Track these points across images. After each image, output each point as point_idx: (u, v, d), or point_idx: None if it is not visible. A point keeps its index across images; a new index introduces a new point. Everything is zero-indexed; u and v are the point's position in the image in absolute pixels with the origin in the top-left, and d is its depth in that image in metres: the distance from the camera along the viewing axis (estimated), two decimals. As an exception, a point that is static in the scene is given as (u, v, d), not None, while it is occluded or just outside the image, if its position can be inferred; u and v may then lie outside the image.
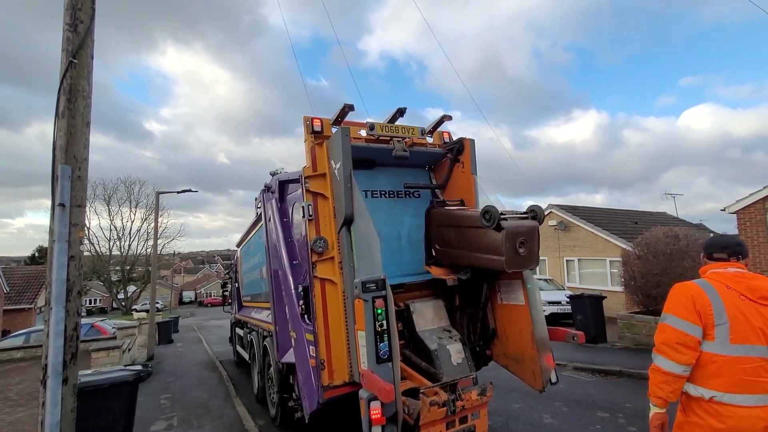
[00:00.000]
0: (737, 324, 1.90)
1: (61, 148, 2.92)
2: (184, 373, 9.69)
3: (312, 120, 3.80)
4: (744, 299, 1.94)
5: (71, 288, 2.87)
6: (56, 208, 2.86)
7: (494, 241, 3.27)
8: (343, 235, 3.61)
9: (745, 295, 1.95)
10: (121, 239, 40.64)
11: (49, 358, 2.75)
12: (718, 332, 1.91)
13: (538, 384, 3.65)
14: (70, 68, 2.96)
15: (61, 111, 2.95)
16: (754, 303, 1.94)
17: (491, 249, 3.32)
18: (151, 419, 5.86)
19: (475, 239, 3.47)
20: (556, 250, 16.74)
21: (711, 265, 2.17)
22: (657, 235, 9.85)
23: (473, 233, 3.48)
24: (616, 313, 10.28)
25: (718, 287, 1.99)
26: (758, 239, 11.30)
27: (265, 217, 5.07)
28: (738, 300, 1.94)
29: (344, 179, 3.50)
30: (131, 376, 3.60)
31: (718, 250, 2.18)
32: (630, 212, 19.72)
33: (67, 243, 2.86)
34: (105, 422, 3.42)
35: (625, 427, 4.73)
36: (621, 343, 9.40)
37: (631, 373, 6.91)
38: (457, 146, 4.33)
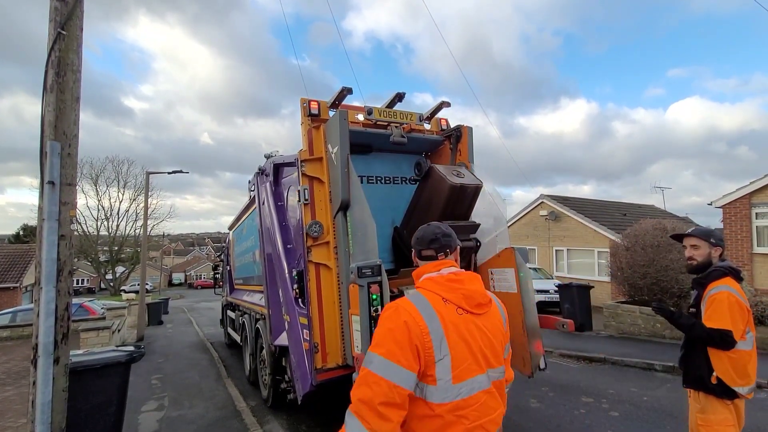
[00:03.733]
0: (459, 353, 1.42)
1: (50, 124, 2.82)
2: (175, 354, 9.71)
3: (309, 102, 3.74)
4: (462, 313, 1.48)
5: (62, 267, 2.82)
6: (45, 186, 2.78)
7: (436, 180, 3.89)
8: (338, 220, 3.59)
9: (462, 307, 1.49)
10: (109, 219, 40.08)
11: (39, 338, 2.72)
12: (440, 371, 1.38)
13: (527, 369, 3.73)
14: (58, 40, 2.84)
15: (50, 85, 2.84)
16: (472, 315, 1.50)
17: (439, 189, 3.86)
18: (142, 399, 5.89)
19: (428, 197, 3.97)
20: (545, 240, 16.96)
21: (423, 267, 1.64)
22: (645, 227, 10.04)
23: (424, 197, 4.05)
24: (602, 303, 10.53)
25: (435, 303, 1.48)
26: (742, 233, 11.57)
27: (259, 200, 5.02)
28: (456, 317, 1.46)
29: (341, 164, 3.47)
30: (124, 357, 3.59)
31: (426, 245, 1.66)
32: (619, 204, 20.00)
33: (57, 222, 2.80)
34: (97, 402, 3.42)
35: (608, 411, 4.89)
36: (606, 331, 9.65)
37: (615, 360, 7.12)
38: (455, 134, 4.30)
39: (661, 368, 6.52)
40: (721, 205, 12.07)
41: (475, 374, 1.44)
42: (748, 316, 2.45)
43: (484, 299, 1.56)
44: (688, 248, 2.68)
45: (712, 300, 2.43)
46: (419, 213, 4.01)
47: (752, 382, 2.43)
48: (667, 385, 5.83)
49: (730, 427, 2.39)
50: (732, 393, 2.39)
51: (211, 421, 4.99)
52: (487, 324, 1.54)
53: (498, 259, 3.95)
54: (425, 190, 4.03)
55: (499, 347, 1.56)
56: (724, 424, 2.39)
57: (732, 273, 2.50)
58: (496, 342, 1.54)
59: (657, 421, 4.59)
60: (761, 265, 11.25)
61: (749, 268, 11.30)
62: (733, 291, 2.41)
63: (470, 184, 3.87)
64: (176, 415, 5.27)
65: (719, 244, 2.58)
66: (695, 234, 2.66)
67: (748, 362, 2.41)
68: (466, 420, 1.40)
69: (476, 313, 1.52)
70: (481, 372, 1.46)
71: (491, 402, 1.48)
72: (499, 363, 1.55)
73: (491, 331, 1.54)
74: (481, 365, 1.47)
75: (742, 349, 2.39)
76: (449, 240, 1.67)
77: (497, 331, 1.57)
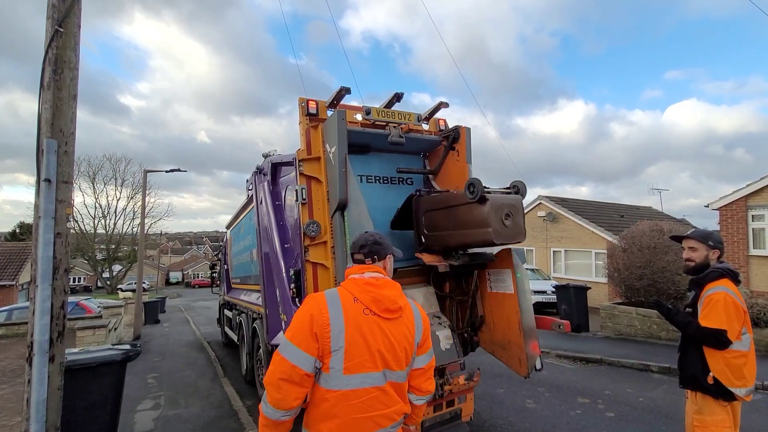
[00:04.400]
0: (355, 348, 1.59)
1: (47, 122, 2.81)
2: (172, 353, 9.68)
3: (307, 102, 3.73)
4: (368, 314, 1.65)
5: (58, 266, 2.81)
6: (42, 184, 2.77)
7: (480, 214, 3.29)
8: (336, 220, 3.59)
9: (369, 309, 1.66)
10: (106, 217, 39.93)
11: (35, 336, 2.71)
12: (334, 361, 1.57)
13: (523, 370, 3.74)
14: (55, 37, 2.82)
15: (47, 83, 2.83)
16: (378, 317, 1.66)
17: (478, 223, 3.34)
18: (138, 398, 5.87)
19: (462, 216, 3.49)
20: (543, 241, 17.00)
21: (351, 268, 1.84)
22: (642, 228, 10.08)
23: (460, 211, 3.49)
24: (599, 304, 10.56)
25: (345, 300, 1.67)
26: (739, 235, 11.63)
27: (257, 199, 5.01)
28: (361, 316, 1.64)
29: (339, 164, 3.46)
30: (120, 356, 3.58)
31: (357, 250, 1.87)
32: (617, 206, 20.06)
33: (53, 220, 2.79)
34: (92, 401, 3.40)
35: (604, 412, 4.91)
36: (603, 332, 9.68)
37: (611, 361, 7.15)
38: (452, 134, 4.31)
39: (657, 369, 6.54)
40: (717, 207, 12.13)
41: (368, 370, 1.61)
42: (745, 318, 2.45)
43: (393, 306, 1.70)
44: (686, 250, 2.71)
45: (709, 300, 2.44)
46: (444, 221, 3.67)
47: (750, 384, 2.42)
48: (663, 386, 5.86)
49: (726, 428, 2.39)
50: (729, 394, 2.39)
51: (207, 421, 4.98)
52: (393, 330, 1.69)
53: (495, 260, 3.96)
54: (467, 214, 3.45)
55: (401, 353, 1.69)
56: (721, 426, 2.39)
57: (730, 275, 2.51)
58: (398, 348, 1.68)
59: (653, 422, 4.61)
60: (757, 267, 11.31)
61: (745, 270, 11.35)
62: (729, 292, 2.43)
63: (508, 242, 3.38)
64: (172, 414, 5.26)
65: (717, 247, 2.60)
66: (694, 236, 2.68)
67: (744, 363, 2.41)
68: (352, 409, 1.58)
69: (383, 317, 1.68)
70: (375, 369, 1.62)
71: (384, 398, 1.64)
72: (399, 367, 1.69)
73: (395, 336, 1.69)
74: (376, 363, 1.62)
75: (738, 349, 2.40)
76: (378, 248, 1.85)
77: (403, 338, 1.71)
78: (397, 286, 1.81)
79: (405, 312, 1.76)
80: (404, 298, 1.80)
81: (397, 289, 1.78)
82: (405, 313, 1.76)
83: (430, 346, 1.86)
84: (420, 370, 1.81)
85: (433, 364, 1.88)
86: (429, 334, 1.85)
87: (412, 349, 1.75)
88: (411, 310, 1.81)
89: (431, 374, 1.87)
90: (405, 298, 1.81)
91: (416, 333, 1.77)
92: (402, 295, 1.79)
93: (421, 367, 1.81)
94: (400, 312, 1.73)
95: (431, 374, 1.87)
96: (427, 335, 1.83)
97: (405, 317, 1.75)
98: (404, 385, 1.75)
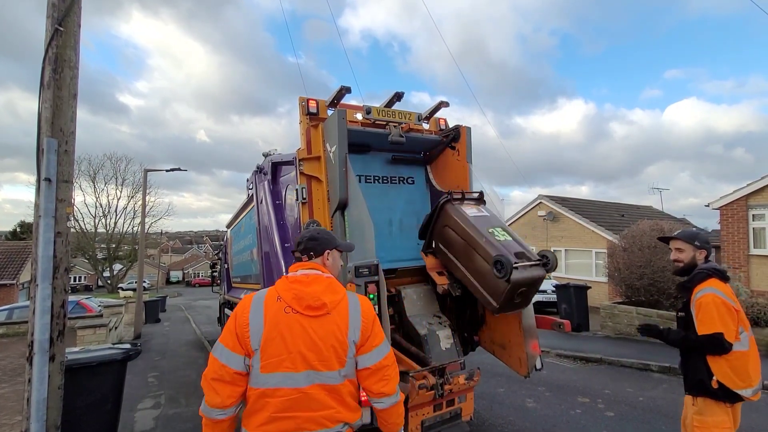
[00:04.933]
0: (271, 347, 1.56)
1: (47, 121, 2.81)
2: (172, 352, 9.69)
3: (308, 101, 3.73)
4: (290, 312, 1.60)
5: (58, 265, 2.81)
6: (42, 183, 2.77)
7: (496, 285, 3.15)
8: (336, 219, 3.59)
9: (291, 307, 1.61)
10: (107, 216, 39.96)
11: (35, 335, 2.71)
12: (254, 359, 1.58)
13: (523, 370, 3.74)
14: (55, 36, 2.83)
15: (47, 82, 2.83)
16: (300, 315, 1.60)
17: (489, 289, 3.22)
18: (138, 397, 5.88)
19: (479, 265, 3.31)
20: (543, 240, 16.99)
21: (291, 266, 1.82)
22: (643, 228, 10.07)
23: (479, 260, 3.31)
24: (599, 303, 10.55)
25: (269, 299, 1.65)
26: (739, 235, 11.63)
27: (257, 198, 5.01)
28: (281, 314, 1.60)
29: (339, 163, 3.46)
30: (120, 355, 3.59)
31: (296, 247, 1.86)
32: (617, 205, 20.05)
33: (54, 219, 2.79)
34: (93, 400, 3.41)
35: (604, 411, 4.91)
36: (603, 332, 9.67)
37: (611, 360, 7.15)
38: (453, 133, 4.30)
39: (657, 369, 6.54)
40: (718, 206, 12.12)
41: (286, 370, 1.56)
42: (739, 316, 2.41)
43: (315, 303, 1.63)
44: (673, 251, 2.71)
45: (699, 304, 2.41)
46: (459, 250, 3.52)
47: (755, 383, 2.39)
48: (663, 385, 5.85)
49: (726, 429, 2.37)
50: (735, 396, 2.35)
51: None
52: (317, 328, 1.61)
53: None
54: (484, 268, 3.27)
55: (328, 353, 1.60)
56: (721, 427, 2.37)
57: (716, 274, 2.48)
58: (323, 347, 1.59)
59: (652, 421, 4.61)
60: (757, 266, 11.30)
61: (746, 270, 11.35)
62: (718, 292, 2.39)
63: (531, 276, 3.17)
64: (172, 413, 5.27)
65: (704, 247, 2.59)
66: (680, 237, 2.68)
67: (747, 363, 2.37)
68: (271, 408, 1.54)
69: (306, 314, 1.61)
70: (294, 370, 1.56)
71: (306, 402, 1.56)
72: (328, 368, 1.59)
73: (320, 335, 1.60)
74: (296, 364, 1.56)
75: (739, 350, 2.36)
76: (314, 244, 1.81)
77: (330, 336, 1.61)
78: (329, 282, 1.72)
79: (336, 308, 1.66)
80: (336, 293, 1.70)
81: (324, 285, 1.69)
82: (336, 309, 1.66)
83: (377, 344, 1.71)
84: (367, 370, 1.68)
85: (387, 363, 1.72)
86: (374, 331, 1.72)
87: (344, 348, 1.63)
88: (345, 306, 1.69)
89: (386, 375, 1.71)
90: (338, 294, 1.70)
91: (350, 330, 1.65)
92: (334, 291, 1.70)
93: (368, 367, 1.68)
94: (324, 309, 1.63)
95: (386, 375, 1.71)
96: (368, 332, 1.69)
97: (335, 314, 1.65)
98: (342, 388, 1.62)
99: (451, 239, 3.59)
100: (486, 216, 3.59)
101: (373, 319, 1.74)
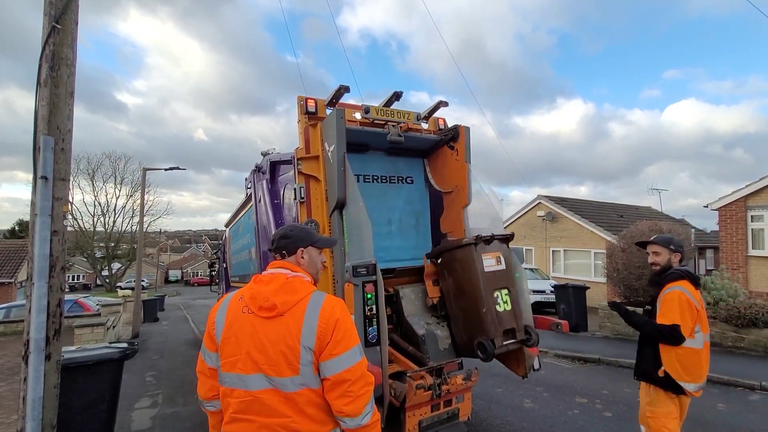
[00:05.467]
0: (227, 347, 1.56)
1: (44, 119, 2.80)
2: (170, 351, 9.68)
3: (306, 100, 3.72)
4: (246, 312, 1.57)
5: (54, 263, 2.80)
6: (38, 181, 2.76)
7: (471, 347, 3.42)
8: (334, 219, 3.58)
9: (248, 306, 1.57)
10: (106, 215, 39.89)
11: (31, 334, 2.70)
12: (218, 358, 1.61)
13: (521, 370, 3.74)
14: (53, 34, 2.81)
15: (43, 79, 2.82)
16: (254, 316, 1.55)
17: (466, 337, 3.50)
18: (136, 396, 5.87)
19: (468, 316, 3.48)
20: (543, 240, 17.01)
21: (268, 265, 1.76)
22: (642, 228, 10.09)
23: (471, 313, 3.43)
24: (597, 304, 10.57)
25: (234, 298, 1.65)
26: (737, 236, 11.64)
27: (256, 198, 5.00)
28: (240, 314, 1.58)
29: (338, 162, 3.45)
30: (117, 354, 3.57)
31: (269, 245, 1.80)
32: (616, 205, 20.07)
33: (50, 217, 2.78)
34: (89, 399, 3.40)
35: (602, 412, 4.91)
36: (601, 332, 9.68)
37: (609, 361, 7.15)
38: (452, 133, 4.29)
39: (655, 369, 6.54)
40: (717, 207, 12.14)
41: (238, 371, 1.53)
42: (700, 316, 2.61)
43: (266, 303, 1.53)
44: (650, 254, 2.88)
45: (665, 299, 2.62)
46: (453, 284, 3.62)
47: (700, 381, 2.60)
48: (660, 386, 5.86)
49: (673, 420, 2.59)
50: (678, 388, 2.57)
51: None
52: (267, 330, 1.51)
53: None
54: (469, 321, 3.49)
55: (277, 357, 1.48)
56: (669, 417, 2.59)
57: (688, 277, 2.68)
58: (272, 351, 1.48)
59: (650, 422, 4.61)
60: (756, 267, 11.32)
61: (744, 271, 11.36)
62: (685, 291, 2.59)
63: None
64: (170, 412, 5.26)
65: (678, 251, 2.78)
66: (656, 241, 2.86)
67: (696, 360, 2.57)
68: (231, 408, 1.54)
69: (259, 315, 1.54)
70: (245, 372, 1.51)
71: (258, 407, 1.48)
72: (277, 373, 1.47)
73: (270, 338, 1.50)
74: (246, 365, 1.51)
75: (691, 346, 2.56)
76: (285, 242, 1.73)
77: (279, 340, 1.49)
78: (285, 281, 1.59)
79: (290, 310, 1.53)
80: (293, 294, 1.57)
81: (278, 285, 1.58)
82: (290, 311, 1.53)
83: (338, 352, 1.49)
84: (327, 380, 1.49)
85: (349, 377, 1.49)
86: (336, 337, 1.50)
87: (295, 354, 1.47)
88: (302, 308, 1.54)
89: (348, 391, 1.48)
90: (294, 295, 1.57)
91: (303, 335, 1.49)
92: (289, 291, 1.57)
93: (327, 377, 1.48)
94: (274, 310, 1.52)
95: (348, 391, 1.48)
96: (326, 337, 1.49)
97: (288, 316, 1.52)
98: (297, 397, 1.47)
99: (457, 277, 3.58)
100: (501, 272, 3.51)
101: (336, 322, 1.53)
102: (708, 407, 4.72)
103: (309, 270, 1.73)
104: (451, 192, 4.34)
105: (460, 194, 4.21)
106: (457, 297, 3.58)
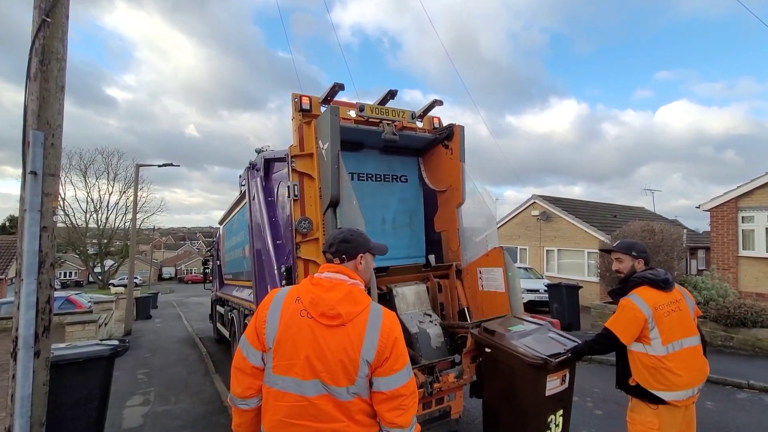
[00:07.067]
0: (283, 349, 1.54)
1: (33, 113, 2.76)
2: (163, 349, 9.63)
3: (300, 98, 3.71)
4: (305, 316, 1.55)
5: (43, 260, 2.77)
6: (28, 177, 2.72)
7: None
8: (328, 217, 3.58)
9: (307, 311, 1.56)
10: (98, 212, 39.50)
11: (20, 331, 2.67)
12: (268, 357, 1.58)
13: None
14: (42, 27, 2.77)
15: (33, 73, 2.78)
16: (314, 321, 1.54)
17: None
18: (127, 394, 5.83)
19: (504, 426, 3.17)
20: (537, 240, 17.09)
21: (322, 266, 1.74)
22: (634, 228, 10.16)
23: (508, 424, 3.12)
24: (590, 303, 10.65)
25: (289, 299, 1.62)
26: (728, 236, 11.78)
27: (249, 195, 4.98)
28: (297, 317, 1.56)
29: (332, 160, 3.45)
30: (107, 351, 3.54)
31: (326, 248, 1.77)
32: (610, 206, 20.21)
33: (39, 213, 2.74)
34: (79, 396, 3.37)
35: (593, 410, 4.95)
36: (593, 331, 9.76)
37: (600, 360, 7.20)
38: (446, 132, 4.30)
39: (645, 368, 6.61)
40: (708, 208, 12.27)
41: (295, 375, 1.51)
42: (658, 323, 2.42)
43: (330, 311, 1.54)
44: (614, 262, 2.81)
45: (617, 308, 2.60)
46: None
47: (678, 388, 2.39)
48: (651, 384, 5.93)
49: (652, 431, 2.43)
50: (654, 397, 2.41)
51: (197, 417, 4.96)
52: (328, 338, 1.51)
53: (487, 258, 3.97)
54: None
55: (336, 367, 1.49)
56: (648, 427, 2.45)
57: (648, 282, 2.54)
58: (332, 360, 1.49)
59: (640, 420, 4.66)
60: (746, 268, 11.46)
61: (734, 271, 11.50)
62: (635, 299, 2.49)
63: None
64: (162, 410, 5.23)
65: (641, 256, 2.69)
66: (617, 249, 2.78)
67: (665, 368, 2.39)
68: (279, 411, 1.52)
69: (320, 322, 1.53)
70: (303, 377, 1.50)
71: (313, 411, 1.48)
72: (334, 382, 1.49)
73: (330, 346, 1.50)
74: (304, 371, 1.50)
75: (652, 354, 2.42)
76: (346, 246, 1.71)
77: (340, 350, 1.50)
78: (350, 290, 1.60)
79: (352, 321, 1.54)
80: (357, 304, 1.57)
81: (343, 293, 1.58)
82: (352, 322, 1.54)
83: (398, 368, 1.54)
84: (382, 394, 1.53)
85: (405, 392, 1.54)
86: (395, 353, 1.55)
87: (354, 366, 1.50)
88: (364, 321, 1.55)
89: (402, 404, 1.53)
90: (358, 305, 1.57)
91: (364, 348, 1.51)
92: (353, 301, 1.57)
93: (383, 392, 1.52)
94: (339, 319, 1.53)
95: (402, 404, 1.53)
96: (386, 353, 1.53)
97: (350, 327, 1.53)
98: (351, 405, 1.50)
99: (510, 387, 3.10)
100: (562, 392, 3.09)
101: (395, 339, 1.57)
102: (697, 405, 4.75)
103: (364, 276, 1.73)
104: (445, 191, 4.36)
105: (454, 193, 4.22)
106: (504, 404, 3.14)
